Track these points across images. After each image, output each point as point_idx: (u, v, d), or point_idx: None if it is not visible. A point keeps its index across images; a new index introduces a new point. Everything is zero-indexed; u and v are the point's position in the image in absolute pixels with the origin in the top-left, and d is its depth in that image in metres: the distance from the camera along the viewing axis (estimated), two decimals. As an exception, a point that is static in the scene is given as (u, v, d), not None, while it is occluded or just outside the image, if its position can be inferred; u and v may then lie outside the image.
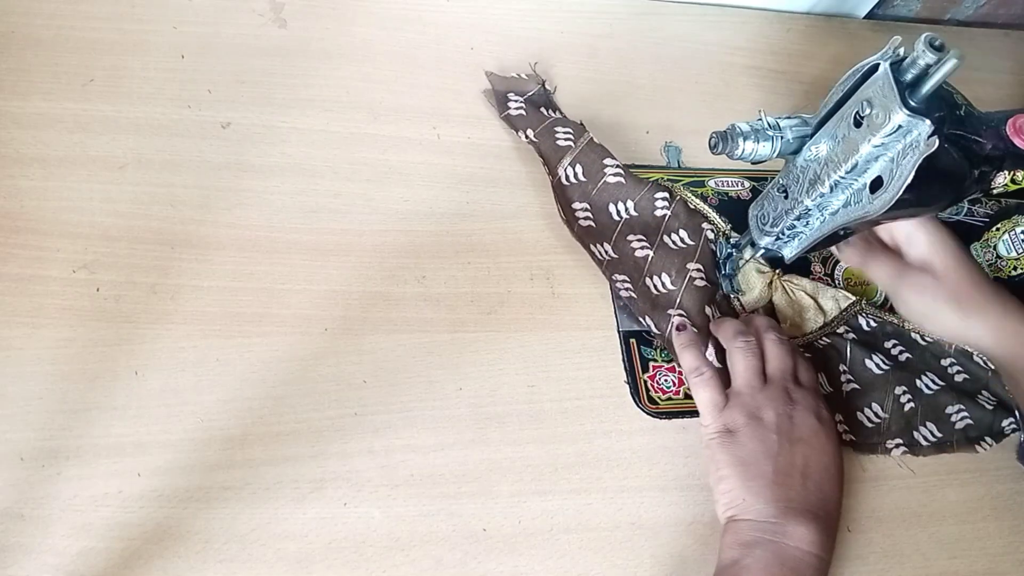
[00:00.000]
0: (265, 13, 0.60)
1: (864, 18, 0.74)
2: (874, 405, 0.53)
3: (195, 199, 0.51)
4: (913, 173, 0.38)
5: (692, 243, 0.56)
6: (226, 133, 0.54)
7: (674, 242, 0.56)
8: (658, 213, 0.57)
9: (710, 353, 0.51)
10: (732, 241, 0.55)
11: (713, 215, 0.58)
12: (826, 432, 0.47)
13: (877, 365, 0.54)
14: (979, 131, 0.40)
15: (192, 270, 0.49)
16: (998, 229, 0.58)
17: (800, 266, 0.56)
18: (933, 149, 0.38)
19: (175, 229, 0.50)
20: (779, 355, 0.50)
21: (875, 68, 0.40)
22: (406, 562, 0.44)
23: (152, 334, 0.47)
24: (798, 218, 0.46)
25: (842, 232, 0.46)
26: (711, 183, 0.60)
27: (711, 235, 0.57)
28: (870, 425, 0.53)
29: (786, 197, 0.47)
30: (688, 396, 0.51)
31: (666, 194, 0.57)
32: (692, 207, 0.58)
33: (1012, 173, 0.42)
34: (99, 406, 0.44)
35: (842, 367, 0.54)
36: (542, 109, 0.60)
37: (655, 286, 0.54)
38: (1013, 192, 0.43)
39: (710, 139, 0.45)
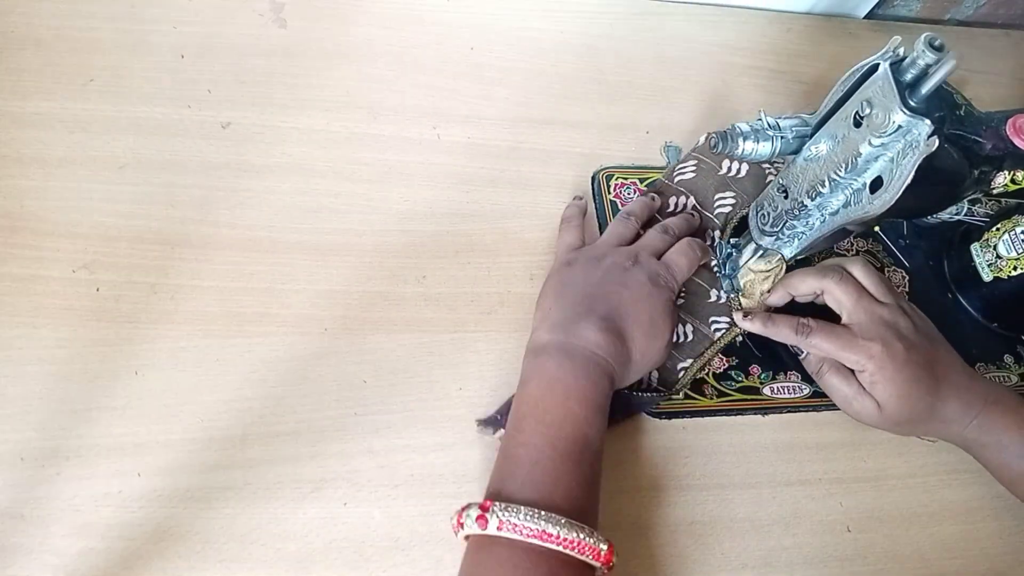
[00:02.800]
0: (265, 13, 0.60)
1: (864, 18, 0.74)
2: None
3: (195, 199, 0.51)
4: (913, 173, 0.38)
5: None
6: (226, 133, 0.54)
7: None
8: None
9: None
10: (732, 241, 0.55)
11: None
12: (656, 293, 0.47)
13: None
14: (979, 131, 0.40)
15: (192, 270, 0.49)
16: (998, 229, 0.58)
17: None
18: (933, 149, 0.38)
19: (175, 229, 0.50)
20: (652, 236, 0.52)
21: (875, 68, 0.40)
22: (406, 562, 0.44)
23: (152, 334, 0.47)
24: (798, 218, 0.46)
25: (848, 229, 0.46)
26: None
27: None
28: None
29: (786, 197, 0.47)
30: (688, 396, 0.51)
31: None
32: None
33: (1012, 173, 0.42)
34: (99, 406, 0.44)
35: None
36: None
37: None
38: (1013, 192, 0.43)
39: (710, 139, 0.45)
